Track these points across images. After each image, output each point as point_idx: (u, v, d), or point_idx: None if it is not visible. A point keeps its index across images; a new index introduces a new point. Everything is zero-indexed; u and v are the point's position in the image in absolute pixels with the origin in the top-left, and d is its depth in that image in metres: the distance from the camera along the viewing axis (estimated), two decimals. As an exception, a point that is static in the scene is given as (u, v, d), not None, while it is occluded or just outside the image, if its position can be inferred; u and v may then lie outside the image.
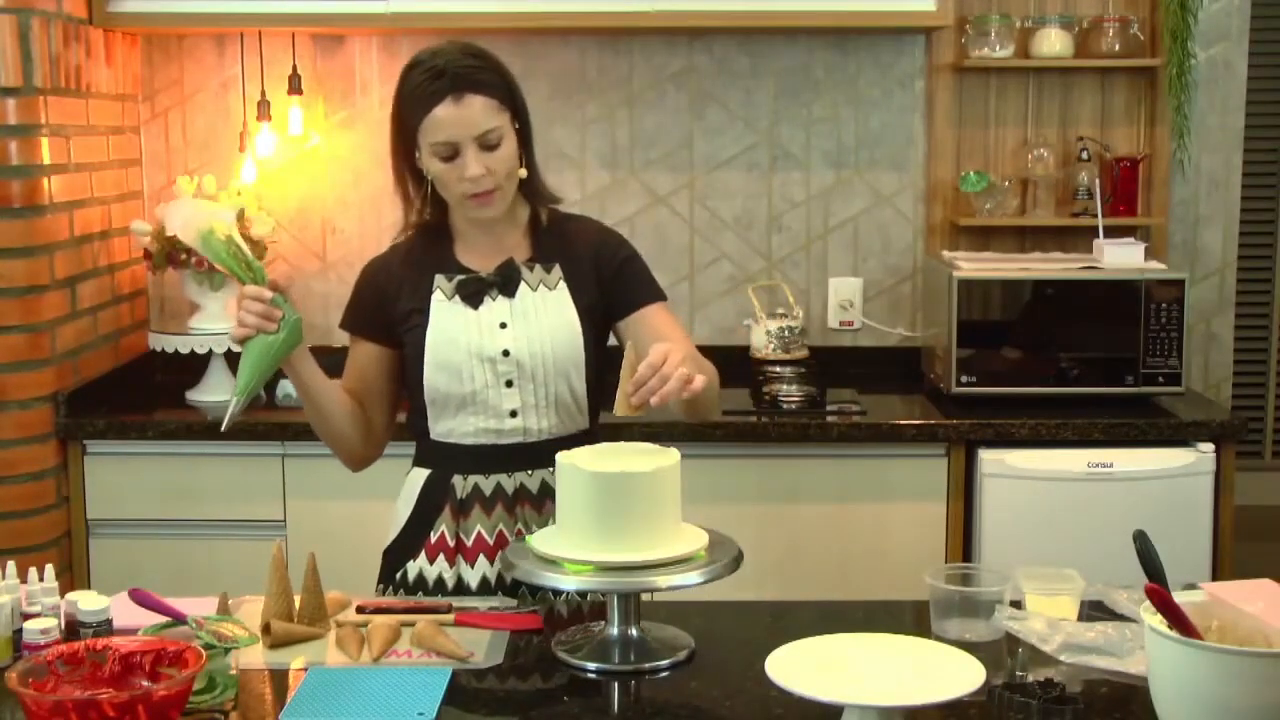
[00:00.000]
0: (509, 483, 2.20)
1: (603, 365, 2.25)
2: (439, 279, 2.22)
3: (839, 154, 3.85)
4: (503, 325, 2.19)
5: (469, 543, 2.20)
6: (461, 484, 2.22)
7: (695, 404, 2.12)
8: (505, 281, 2.20)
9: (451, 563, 2.21)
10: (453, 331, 2.18)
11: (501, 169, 2.13)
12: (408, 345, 2.23)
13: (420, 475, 2.27)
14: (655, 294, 2.27)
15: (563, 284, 2.22)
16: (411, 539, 2.25)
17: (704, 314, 3.87)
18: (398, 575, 2.25)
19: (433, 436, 2.24)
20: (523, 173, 2.18)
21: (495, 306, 2.20)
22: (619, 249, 2.29)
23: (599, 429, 2.28)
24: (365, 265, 2.33)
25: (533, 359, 2.17)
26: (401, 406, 2.33)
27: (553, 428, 2.21)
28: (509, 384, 2.18)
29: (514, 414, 2.19)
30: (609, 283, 2.24)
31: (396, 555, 2.27)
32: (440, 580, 2.21)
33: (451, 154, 2.12)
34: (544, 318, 2.19)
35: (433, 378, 2.19)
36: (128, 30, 3.62)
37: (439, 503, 2.23)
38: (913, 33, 3.77)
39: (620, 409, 1.96)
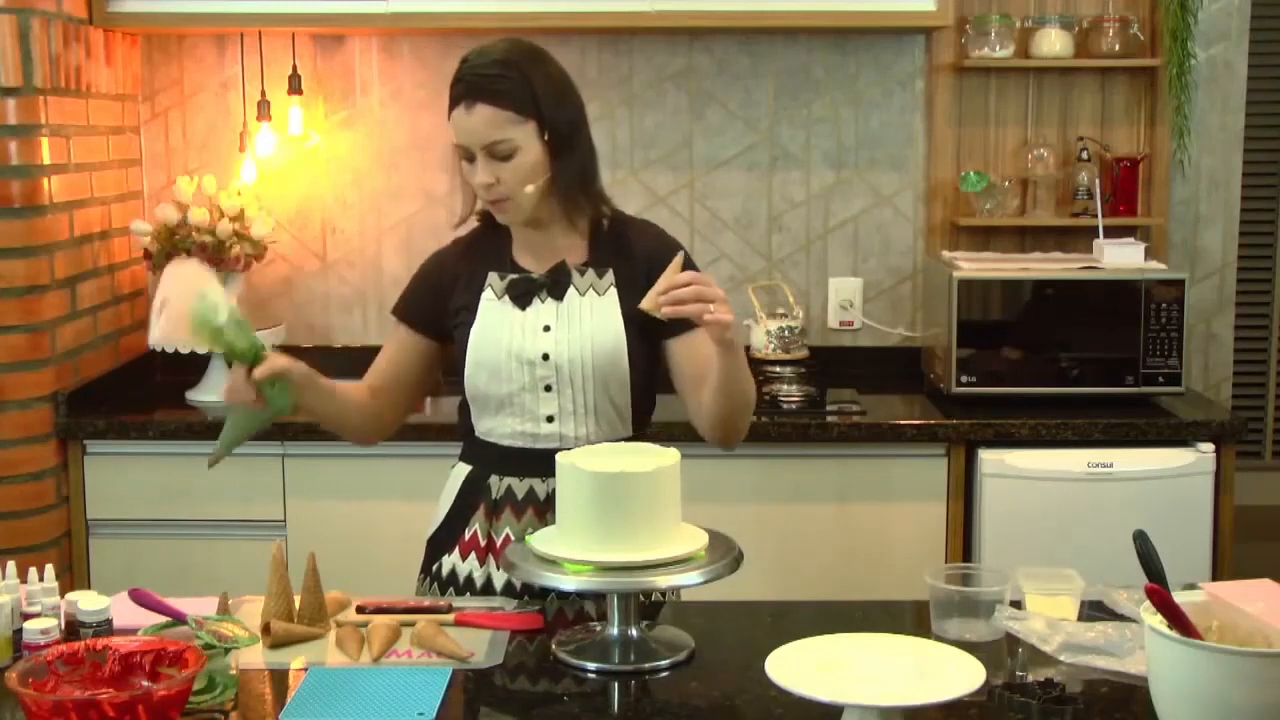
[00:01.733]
0: (542, 488, 2.18)
1: (652, 375, 2.22)
2: (492, 277, 2.21)
3: (839, 154, 3.86)
4: (546, 328, 2.16)
5: (499, 543, 2.19)
6: (497, 484, 2.21)
7: (720, 418, 2.13)
8: (555, 284, 2.18)
9: (482, 562, 2.20)
10: (496, 331, 2.17)
11: (511, 180, 2.10)
12: (455, 341, 2.23)
13: (462, 471, 2.27)
14: None
15: (613, 290, 2.19)
16: (449, 534, 2.25)
17: (704, 314, 3.87)
18: (434, 568, 2.26)
19: (476, 434, 2.25)
20: (530, 189, 2.11)
21: (542, 309, 2.18)
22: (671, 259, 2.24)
23: (646, 440, 2.22)
24: (429, 256, 2.33)
25: (572, 364, 2.15)
26: (417, 408, 2.34)
27: (591, 435, 2.17)
28: (547, 389, 2.16)
29: (550, 419, 2.17)
30: None
31: (436, 548, 2.28)
32: (470, 578, 2.20)
33: (470, 157, 2.12)
34: (588, 323, 2.16)
35: (473, 376, 2.18)
36: (128, 30, 3.62)
37: (475, 501, 2.23)
38: (913, 33, 3.77)
39: (646, 303, 1.97)
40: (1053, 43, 3.70)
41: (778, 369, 3.49)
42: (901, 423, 3.28)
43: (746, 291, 3.77)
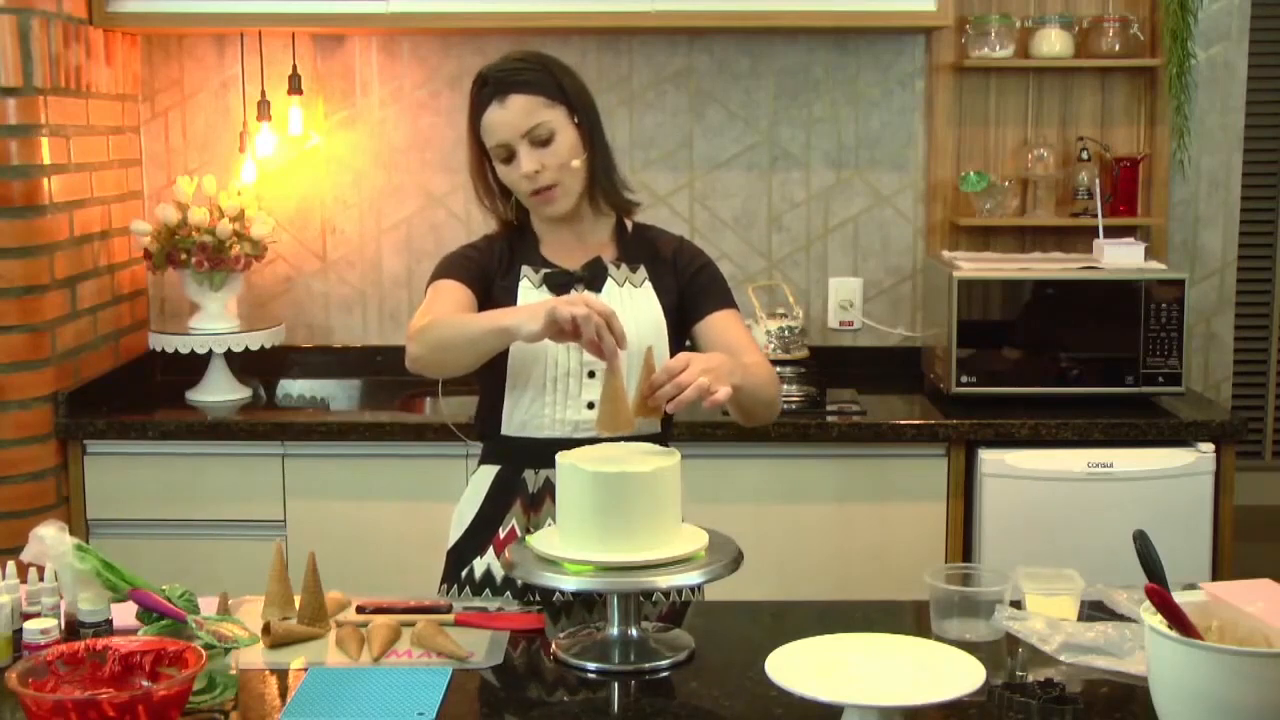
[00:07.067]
0: None
1: None
2: (525, 269, 2.24)
3: (839, 154, 3.85)
4: None
5: None
6: (533, 478, 2.21)
7: (742, 408, 2.16)
8: (592, 278, 2.22)
9: None
10: None
11: (555, 162, 2.17)
12: None
13: (489, 473, 2.26)
14: (725, 301, 2.30)
15: (648, 283, 2.25)
16: (478, 537, 2.24)
17: (704, 314, 3.87)
18: (463, 574, 2.24)
19: (504, 432, 2.23)
20: (576, 163, 2.18)
21: None
22: (696, 256, 2.33)
23: (670, 435, 2.27)
24: (462, 246, 2.33)
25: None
26: None
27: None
28: (591, 374, 2.17)
29: (591, 406, 2.17)
30: (685, 288, 2.28)
31: (462, 554, 2.26)
32: (510, 578, 2.18)
33: (508, 155, 2.18)
34: (630, 312, 2.19)
35: (516, 358, 2.17)
36: (128, 30, 3.62)
37: (509, 499, 2.22)
38: (913, 33, 3.77)
39: (637, 412, 1.96)
40: (1053, 43, 3.70)
41: (778, 369, 3.48)
42: (901, 423, 3.28)
43: (746, 291, 3.77)
